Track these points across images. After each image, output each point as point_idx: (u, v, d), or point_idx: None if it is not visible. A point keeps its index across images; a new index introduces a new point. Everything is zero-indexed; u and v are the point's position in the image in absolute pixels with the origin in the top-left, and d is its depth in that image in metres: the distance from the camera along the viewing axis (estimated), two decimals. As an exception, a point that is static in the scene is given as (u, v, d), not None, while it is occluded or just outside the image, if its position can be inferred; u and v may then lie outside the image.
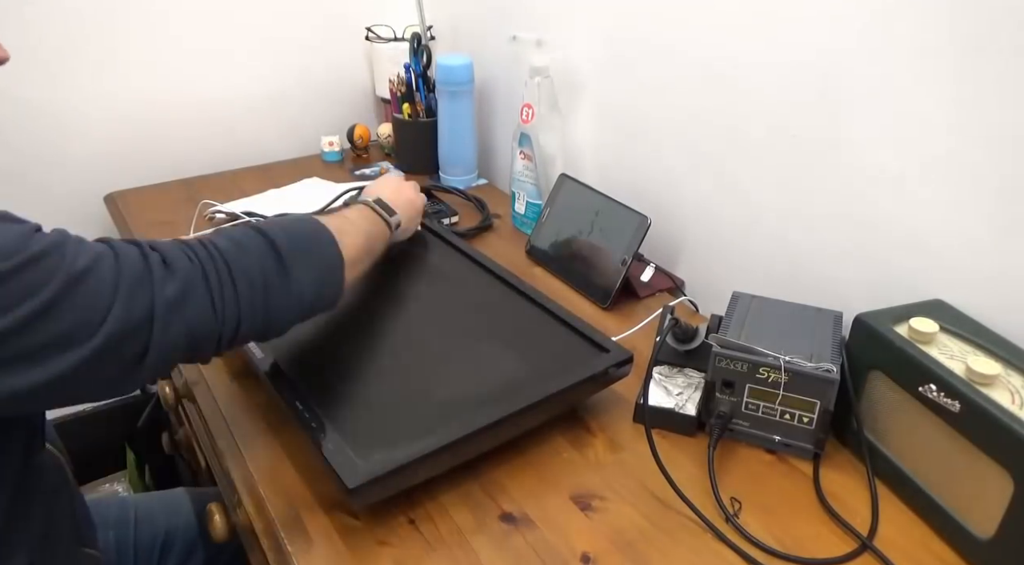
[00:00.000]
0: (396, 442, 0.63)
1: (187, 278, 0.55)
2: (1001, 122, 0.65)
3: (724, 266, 0.97)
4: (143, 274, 0.52)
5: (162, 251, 0.55)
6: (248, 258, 0.59)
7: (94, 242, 0.53)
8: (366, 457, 0.62)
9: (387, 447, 0.63)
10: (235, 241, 0.60)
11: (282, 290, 0.61)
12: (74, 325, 0.48)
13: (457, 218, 1.17)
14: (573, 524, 0.65)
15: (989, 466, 0.59)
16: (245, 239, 0.61)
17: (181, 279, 0.54)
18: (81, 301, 0.49)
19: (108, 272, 0.51)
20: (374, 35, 1.40)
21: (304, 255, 0.63)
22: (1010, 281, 0.67)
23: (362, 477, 0.60)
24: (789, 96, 0.82)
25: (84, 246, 0.51)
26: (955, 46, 0.66)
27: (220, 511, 0.78)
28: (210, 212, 1.16)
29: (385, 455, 0.62)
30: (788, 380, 0.69)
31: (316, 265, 0.65)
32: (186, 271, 0.55)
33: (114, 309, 0.50)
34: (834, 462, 0.72)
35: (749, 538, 0.63)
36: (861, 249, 0.79)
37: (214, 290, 0.56)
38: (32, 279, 0.47)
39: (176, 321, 0.53)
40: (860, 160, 0.77)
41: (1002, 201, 0.66)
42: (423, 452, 0.62)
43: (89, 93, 1.24)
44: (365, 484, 0.60)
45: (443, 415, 0.67)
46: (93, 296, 0.49)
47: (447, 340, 0.79)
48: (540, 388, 0.69)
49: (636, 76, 1.02)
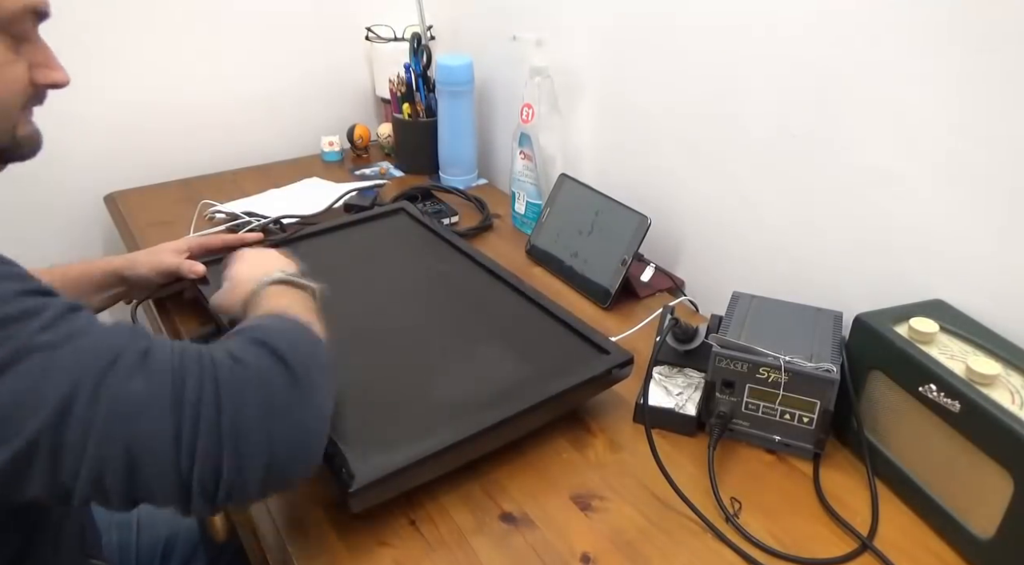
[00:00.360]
0: (396, 445, 0.63)
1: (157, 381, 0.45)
2: (1002, 122, 0.65)
3: (724, 266, 0.97)
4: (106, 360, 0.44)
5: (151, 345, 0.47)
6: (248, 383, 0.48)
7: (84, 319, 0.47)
8: (365, 460, 0.62)
9: (387, 450, 0.63)
10: (237, 359, 0.49)
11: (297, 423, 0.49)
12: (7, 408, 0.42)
13: (457, 218, 1.17)
14: (573, 524, 0.65)
15: (989, 466, 0.59)
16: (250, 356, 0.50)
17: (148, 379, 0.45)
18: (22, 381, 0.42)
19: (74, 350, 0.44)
20: (374, 35, 1.40)
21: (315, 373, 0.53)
22: (1010, 281, 0.67)
23: (361, 480, 0.60)
24: (789, 96, 0.82)
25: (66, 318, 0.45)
26: (956, 46, 0.66)
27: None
28: (210, 212, 1.16)
29: (384, 458, 0.62)
30: (788, 380, 0.69)
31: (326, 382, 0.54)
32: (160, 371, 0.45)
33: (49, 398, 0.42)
34: (834, 462, 0.72)
35: (749, 538, 0.63)
36: (861, 249, 0.79)
37: (184, 411, 0.44)
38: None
39: (117, 429, 0.43)
40: (860, 160, 0.77)
41: (1002, 201, 0.66)
42: (422, 455, 0.62)
43: (89, 93, 1.24)
44: (364, 487, 0.59)
45: (442, 417, 0.67)
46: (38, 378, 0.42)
47: (447, 341, 0.79)
48: (540, 390, 0.69)
49: (636, 76, 1.02)
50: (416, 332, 0.80)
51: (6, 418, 0.42)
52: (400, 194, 1.20)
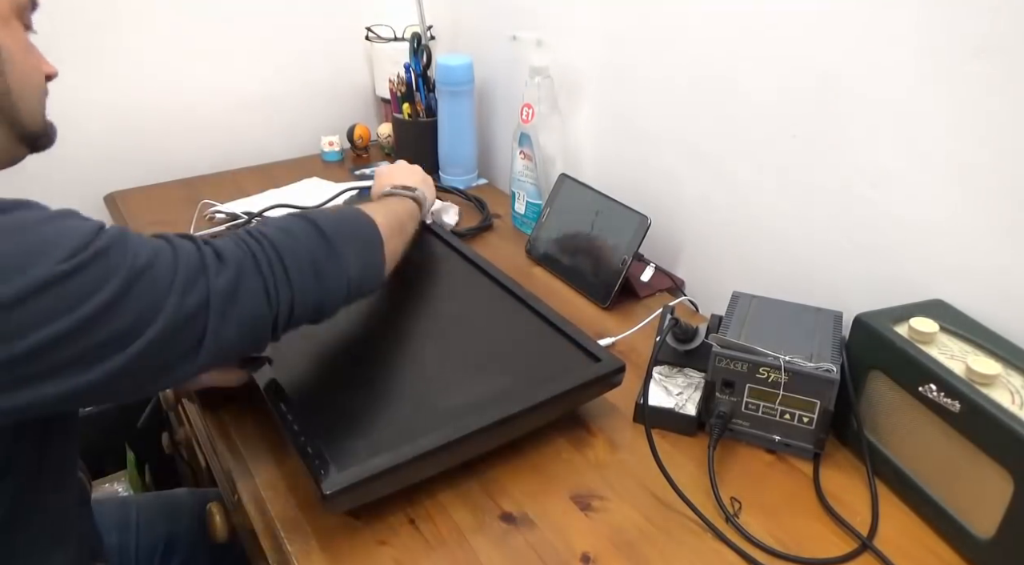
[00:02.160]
0: (379, 448, 0.63)
1: (240, 268, 0.56)
2: (1001, 122, 0.65)
3: (724, 266, 0.97)
4: (198, 267, 0.54)
5: (216, 245, 0.57)
6: (297, 243, 0.61)
7: (152, 237, 0.55)
8: (346, 464, 0.61)
9: (370, 453, 0.63)
10: (283, 229, 0.62)
11: (331, 272, 0.63)
12: (133, 321, 0.49)
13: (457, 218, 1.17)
14: (573, 524, 0.65)
15: (989, 466, 0.59)
16: (293, 226, 0.63)
17: (234, 269, 0.56)
18: (141, 296, 0.50)
19: (165, 265, 0.52)
20: (374, 35, 1.40)
21: (349, 237, 0.66)
22: (1010, 281, 0.67)
23: (336, 485, 0.59)
24: (789, 96, 0.82)
25: (143, 242, 0.53)
26: (955, 46, 0.66)
27: (220, 511, 0.78)
28: (210, 212, 1.16)
29: (365, 462, 0.61)
30: (788, 380, 0.69)
31: (360, 247, 0.68)
32: (238, 261, 0.57)
33: (169, 302, 0.51)
34: (834, 462, 0.72)
35: (749, 538, 0.63)
36: (861, 249, 0.79)
37: (266, 277, 0.58)
38: (100, 272, 0.48)
39: (230, 311, 0.55)
40: (860, 160, 0.77)
41: (1002, 201, 0.66)
42: (401, 460, 0.62)
43: (89, 93, 1.24)
44: (340, 491, 0.59)
45: (429, 422, 0.66)
46: (152, 291, 0.50)
47: (438, 346, 0.78)
48: (527, 397, 0.69)
49: (636, 76, 1.02)
50: (408, 335, 0.80)
51: (136, 323, 0.50)
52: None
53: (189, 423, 0.97)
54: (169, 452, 1.24)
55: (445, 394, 0.71)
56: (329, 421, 0.67)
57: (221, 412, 0.78)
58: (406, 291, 0.88)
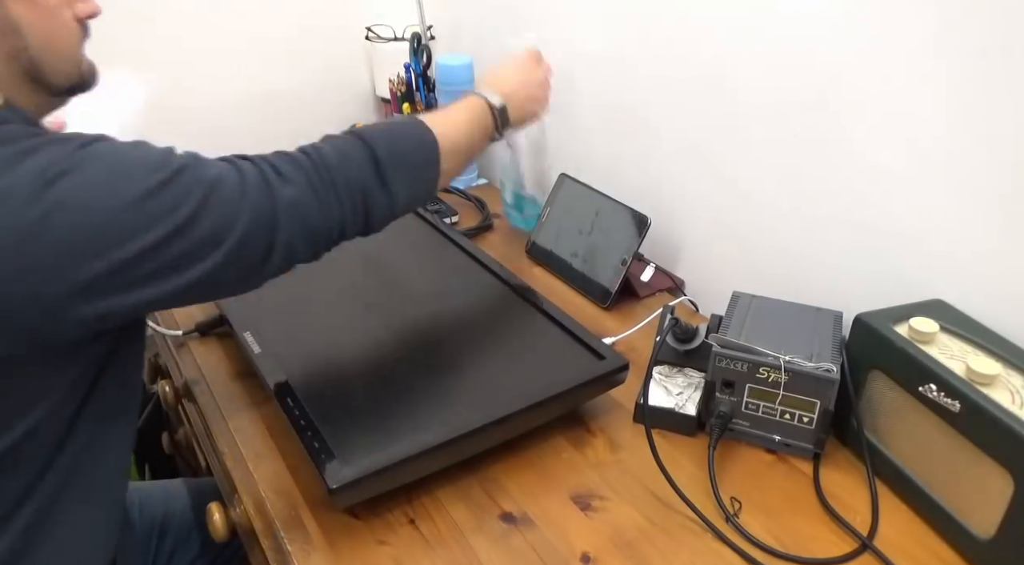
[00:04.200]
0: (384, 443, 0.63)
1: (299, 185, 0.60)
2: (1001, 122, 0.65)
3: (724, 266, 0.97)
4: (262, 181, 0.58)
5: (274, 163, 0.61)
6: (350, 167, 0.64)
7: (216, 160, 0.59)
8: (351, 458, 0.62)
9: (375, 448, 0.63)
10: (339, 151, 0.65)
11: (379, 198, 0.66)
12: (211, 231, 0.55)
13: (457, 218, 1.17)
14: (573, 524, 0.65)
15: (989, 466, 0.59)
16: (349, 148, 0.65)
17: (293, 183, 0.60)
18: (216, 208, 0.55)
19: (234, 181, 0.57)
20: (374, 35, 1.40)
21: (402, 164, 0.67)
22: (1010, 281, 0.67)
23: (343, 478, 0.60)
24: (789, 96, 0.82)
25: (210, 161, 0.58)
26: (955, 46, 0.66)
27: (220, 510, 0.78)
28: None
29: (370, 457, 0.62)
30: (788, 380, 0.69)
31: (413, 173, 0.69)
32: (297, 178, 0.60)
33: (243, 213, 0.56)
34: (834, 462, 0.72)
35: (749, 538, 0.63)
36: (861, 249, 0.79)
37: (320, 194, 0.61)
38: (180, 189, 0.53)
39: (296, 219, 0.59)
40: (860, 160, 0.77)
41: (1002, 201, 0.66)
42: (405, 455, 0.62)
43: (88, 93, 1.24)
44: (346, 485, 0.60)
45: (434, 418, 0.67)
46: (226, 203, 0.56)
47: (442, 341, 0.79)
48: (531, 394, 0.69)
49: (636, 75, 1.02)
50: (414, 330, 0.80)
51: (215, 233, 0.55)
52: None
53: (189, 423, 0.97)
54: (169, 452, 1.24)
55: (449, 390, 0.71)
56: (334, 416, 0.67)
57: (221, 412, 0.78)
58: (410, 287, 0.88)
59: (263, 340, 0.76)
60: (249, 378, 0.82)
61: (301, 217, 0.60)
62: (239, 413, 0.77)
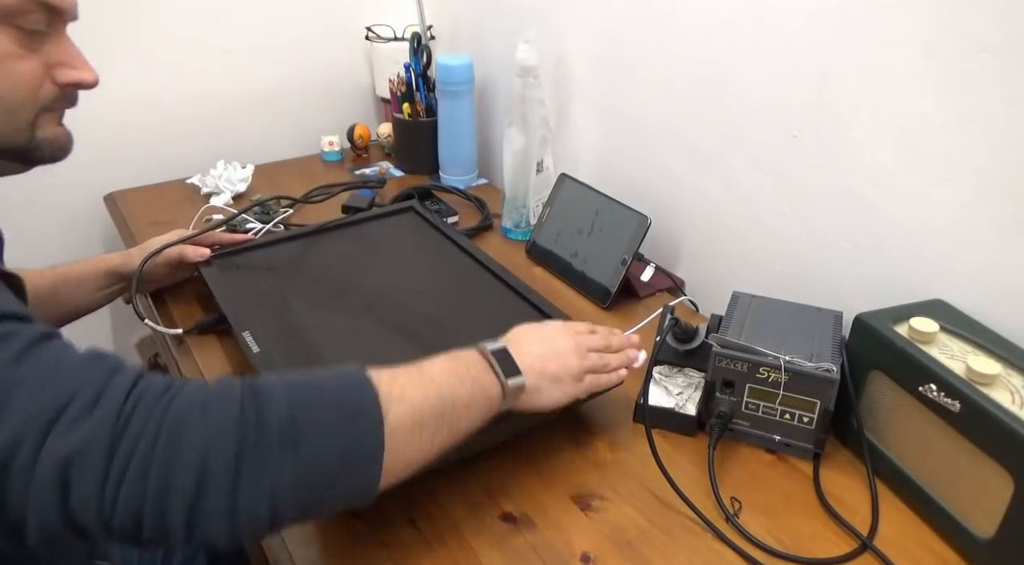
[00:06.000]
0: None
1: (93, 432, 0.42)
2: (1001, 122, 0.65)
3: (724, 266, 0.97)
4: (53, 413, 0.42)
5: (115, 386, 0.44)
6: (200, 434, 0.43)
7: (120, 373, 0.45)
8: None
9: None
10: (201, 402, 0.44)
11: (225, 493, 0.43)
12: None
13: (457, 218, 1.17)
14: (573, 524, 0.65)
15: (989, 466, 0.59)
16: (218, 408, 0.44)
17: (87, 430, 0.42)
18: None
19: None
20: (374, 35, 1.40)
21: (309, 440, 0.45)
22: (1010, 281, 0.67)
23: None
24: (789, 96, 0.82)
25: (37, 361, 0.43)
26: (955, 46, 0.66)
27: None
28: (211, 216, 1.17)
29: None
30: (788, 380, 0.68)
31: (329, 462, 0.46)
32: (98, 423, 0.42)
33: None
34: (834, 462, 0.72)
35: (749, 538, 0.63)
36: (861, 249, 0.79)
37: (116, 460, 0.42)
38: None
39: (53, 478, 0.41)
40: (860, 160, 0.77)
41: (1002, 201, 0.66)
42: None
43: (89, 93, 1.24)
44: None
45: None
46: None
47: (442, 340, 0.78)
48: None
49: (636, 76, 1.02)
50: (413, 328, 0.80)
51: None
52: (400, 194, 1.20)
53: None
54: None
55: None
56: None
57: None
58: (410, 287, 0.88)
59: (262, 339, 0.76)
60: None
61: (61, 478, 0.41)
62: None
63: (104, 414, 0.42)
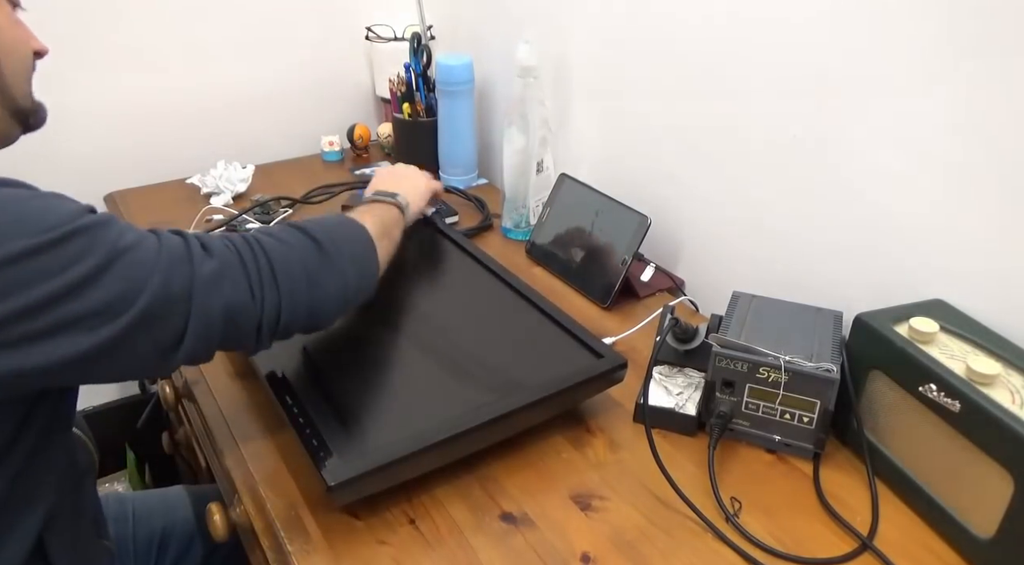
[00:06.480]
0: (382, 441, 0.63)
1: (225, 261, 0.57)
2: (1001, 122, 0.65)
3: (724, 266, 0.97)
4: (183, 253, 0.55)
5: (203, 239, 0.58)
6: (290, 252, 0.62)
7: (142, 229, 0.56)
8: (350, 456, 0.62)
9: (373, 446, 0.63)
10: (275, 235, 0.63)
11: (326, 280, 0.63)
12: (116, 295, 0.51)
13: (457, 218, 1.17)
14: (573, 524, 0.65)
15: (989, 466, 0.59)
16: (284, 234, 0.63)
17: (218, 261, 0.57)
18: (124, 272, 0.51)
19: (150, 249, 0.53)
20: (374, 35, 1.40)
21: (343, 245, 0.66)
22: (1010, 281, 0.67)
23: (341, 476, 0.60)
24: (789, 96, 0.82)
25: (131, 227, 0.54)
26: (955, 46, 0.66)
27: (219, 510, 0.78)
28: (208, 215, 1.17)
29: (369, 454, 0.62)
30: (788, 380, 0.68)
31: (355, 254, 0.68)
32: (224, 255, 0.57)
33: (153, 281, 0.52)
34: (834, 462, 0.72)
35: (749, 538, 0.63)
36: (861, 249, 0.79)
37: (252, 276, 0.58)
38: (80, 248, 0.50)
39: (214, 298, 0.55)
40: (860, 160, 0.77)
41: (1002, 201, 0.66)
42: (404, 453, 0.62)
43: (89, 93, 1.24)
44: (344, 482, 0.60)
45: (432, 415, 0.66)
46: (136, 267, 0.52)
47: (441, 339, 0.79)
48: (529, 392, 0.69)
49: (636, 76, 1.02)
50: (414, 328, 0.80)
51: (119, 298, 0.51)
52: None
53: (189, 423, 0.97)
54: (169, 452, 1.24)
55: (448, 388, 0.71)
56: (333, 414, 0.67)
57: (221, 411, 0.78)
58: (410, 286, 0.88)
59: None
60: (249, 377, 0.82)
61: (221, 296, 0.56)
62: (239, 413, 0.77)
63: (223, 255, 0.57)
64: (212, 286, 0.55)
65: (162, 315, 0.53)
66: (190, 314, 0.54)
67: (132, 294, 0.51)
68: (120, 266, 0.51)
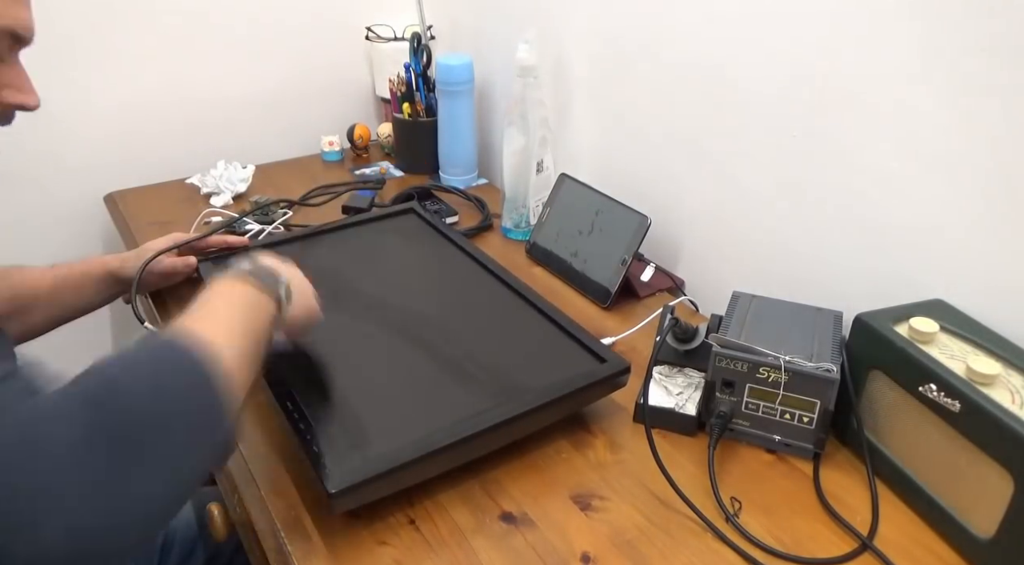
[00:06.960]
0: (384, 448, 0.63)
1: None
2: (1001, 121, 0.65)
3: (724, 266, 0.97)
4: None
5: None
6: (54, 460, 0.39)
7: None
8: (351, 463, 0.61)
9: (374, 452, 0.63)
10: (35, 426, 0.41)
11: (126, 484, 0.41)
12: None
13: (457, 218, 1.17)
14: (573, 524, 0.65)
15: (989, 466, 0.59)
16: (56, 420, 0.41)
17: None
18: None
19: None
20: (374, 35, 1.40)
21: (152, 428, 0.44)
22: (1010, 281, 0.67)
23: (340, 483, 0.60)
24: (789, 95, 0.82)
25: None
26: (955, 46, 0.66)
27: (220, 511, 0.78)
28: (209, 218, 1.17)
29: (370, 461, 0.62)
30: (788, 380, 0.69)
31: (179, 428, 0.46)
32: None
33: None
34: (834, 462, 0.72)
35: (749, 538, 0.63)
36: (861, 249, 0.79)
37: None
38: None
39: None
40: (860, 160, 0.77)
41: (1002, 201, 0.66)
42: (404, 460, 0.62)
43: (89, 93, 1.24)
44: (345, 489, 0.59)
45: (434, 421, 0.66)
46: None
47: (443, 345, 0.78)
48: (532, 398, 0.69)
49: (636, 75, 1.02)
50: (415, 333, 0.80)
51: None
52: (400, 194, 1.20)
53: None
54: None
55: (450, 393, 0.71)
56: (334, 420, 0.67)
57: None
58: (409, 289, 0.88)
59: None
60: (249, 378, 0.82)
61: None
62: (240, 414, 0.77)
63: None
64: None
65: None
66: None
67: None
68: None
